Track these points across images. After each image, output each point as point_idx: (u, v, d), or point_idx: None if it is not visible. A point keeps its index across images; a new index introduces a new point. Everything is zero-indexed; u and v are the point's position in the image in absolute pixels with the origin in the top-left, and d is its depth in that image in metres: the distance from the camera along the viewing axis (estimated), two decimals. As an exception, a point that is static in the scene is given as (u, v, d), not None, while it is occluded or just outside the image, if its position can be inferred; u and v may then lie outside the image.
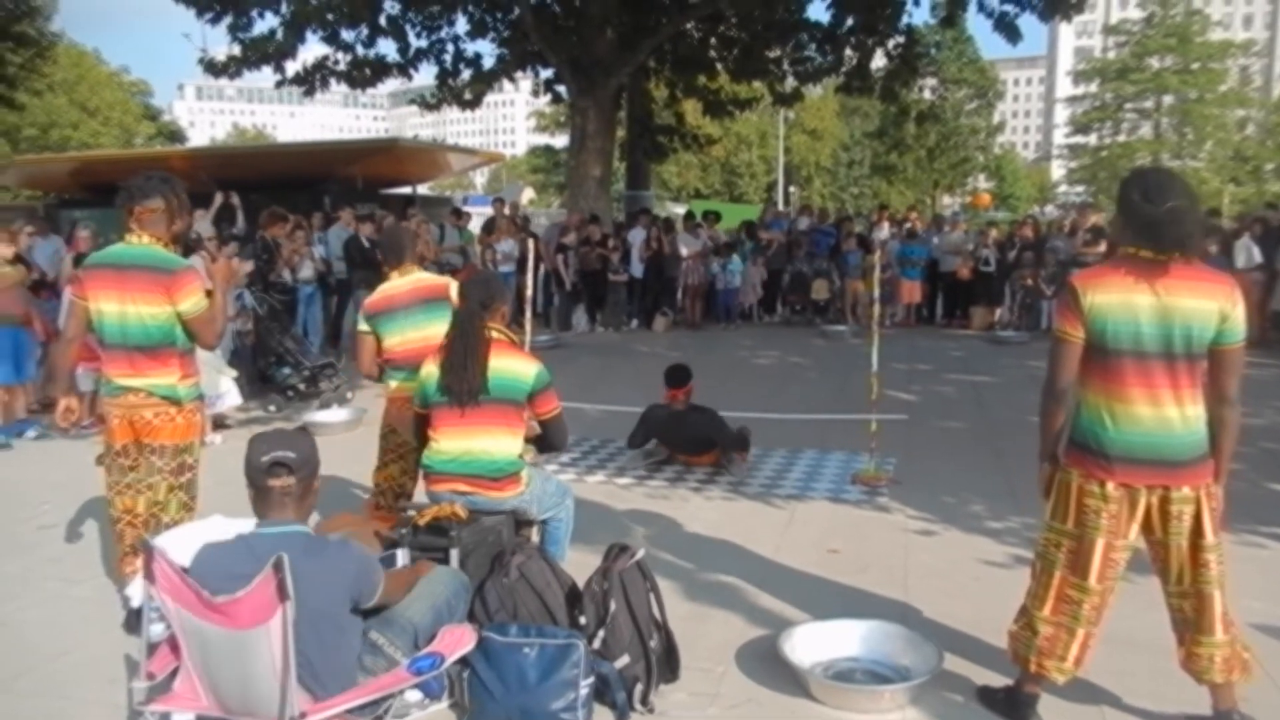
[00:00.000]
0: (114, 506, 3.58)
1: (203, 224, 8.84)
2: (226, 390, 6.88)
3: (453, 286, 4.13)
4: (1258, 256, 10.92)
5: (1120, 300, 2.57)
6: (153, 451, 3.51)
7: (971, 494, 5.27)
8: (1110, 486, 2.64)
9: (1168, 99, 48.81)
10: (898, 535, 4.67)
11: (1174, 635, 2.78)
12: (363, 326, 4.26)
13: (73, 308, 3.65)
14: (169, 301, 3.44)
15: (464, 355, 3.39)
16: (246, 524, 2.61)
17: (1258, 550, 4.39)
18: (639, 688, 2.95)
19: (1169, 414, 2.60)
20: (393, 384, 4.22)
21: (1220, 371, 2.64)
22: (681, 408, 5.97)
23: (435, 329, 4.06)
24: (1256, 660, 2.83)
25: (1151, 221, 2.55)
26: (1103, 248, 10.80)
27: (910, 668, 3.09)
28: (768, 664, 3.20)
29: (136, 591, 3.11)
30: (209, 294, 3.61)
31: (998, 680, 3.02)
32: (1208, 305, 2.55)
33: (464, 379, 3.38)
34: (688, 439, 5.94)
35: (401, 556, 3.27)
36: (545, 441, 3.70)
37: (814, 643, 3.22)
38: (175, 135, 51.55)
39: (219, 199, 9.83)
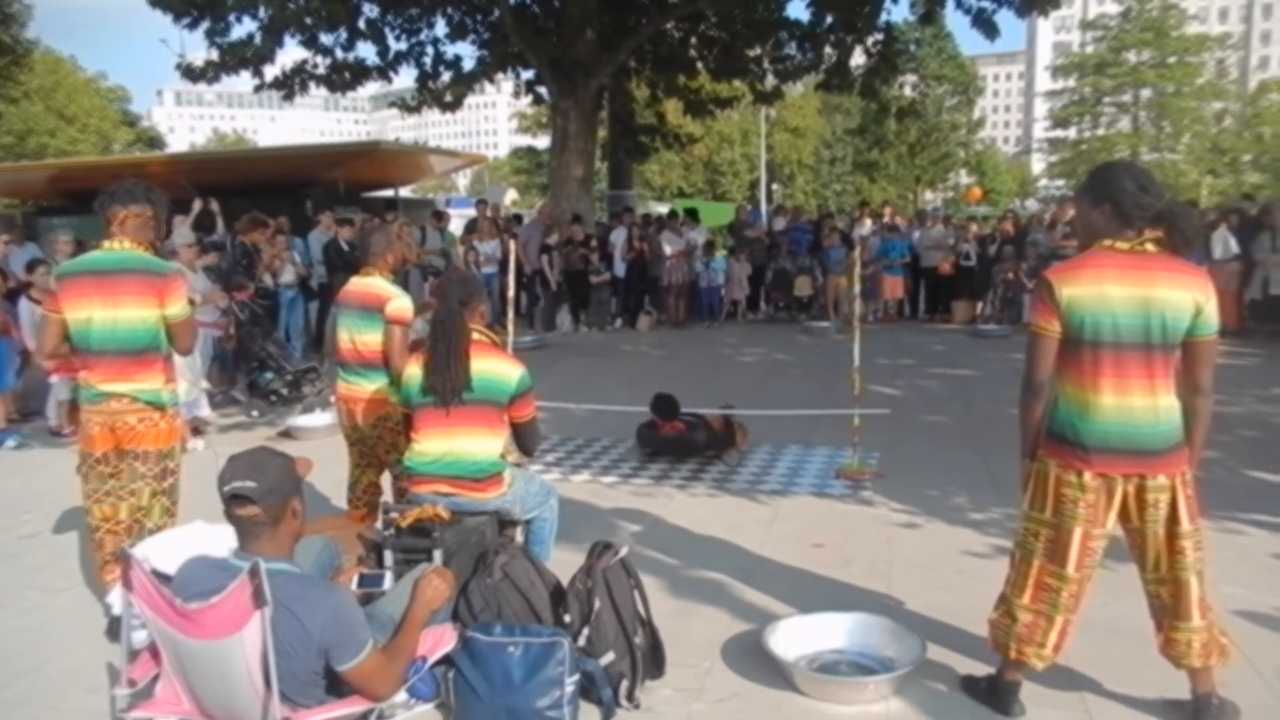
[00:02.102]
0: (92, 515, 3.56)
1: (182, 230, 8.78)
2: (196, 398, 6.86)
3: (394, 301, 4.13)
4: (1234, 247, 11.03)
5: (1095, 292, 2.59)
6: (135, 457, 3.50)
7: (954, 487, 5.30)
8: (1087, 476, 2.66)
9: (1145, 93, 49.17)
10: (881, 529, 4.69)
11: (1152, 621, 2.81)
12: (334, 311, 4.48)
13: (46, 323, 3.59)
14: (159, 305, 3.44)
15: (447, 355, 3.40)
16: (228, 531, 2.58)
17: (1236, 537, 4.44)
18: (625, 684, 2.96)
19: (1145, 404, 2.62)
20: (338, 379, 4.34)
21: (1195, 364, 2.66)
22: (673, 435, 6.03)
23: (364, 336, 4.17)
24: (1235, 645, 2.86)
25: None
26: (1082, 240, 10.88)
27: (894, 659, 3.11)
28: (753, 658, 3.22)
29: (117, 599, 3.09)
30: (190, 302, 3.62)
31: (981, 669, 3.05)
32: (1182, 296, 2.57)
33: (447, 378, 3.39)
34: (681, 451, 6.05)
35: (387, 558, 3.27)
36: (518, 442, 3.69)
37: (798, 636, 3.24)
38: (154, 141, 51.10)
39: (197, 205, 9.77)
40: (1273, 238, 10.90)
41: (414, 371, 3.51)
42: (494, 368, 3.47)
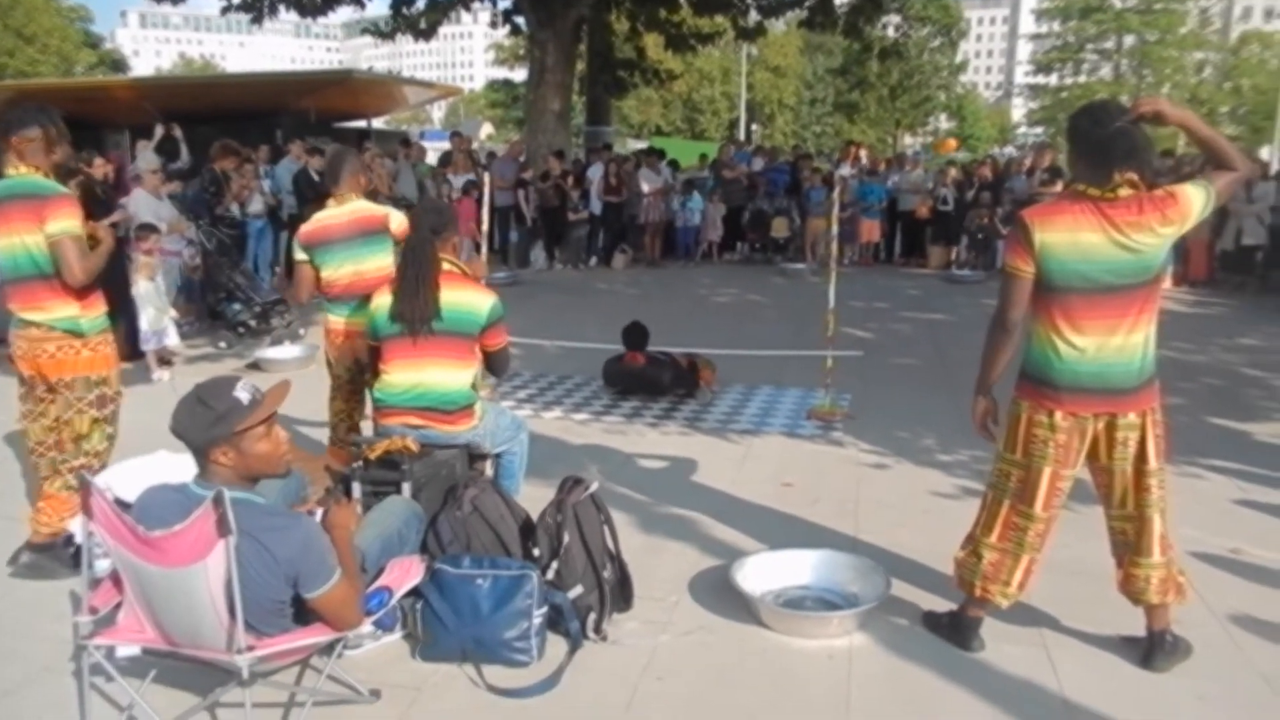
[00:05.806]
0: (29, 436, 3.56)
1: (145, 155, 8.55)
2: (164, 328, 6.74)
3: (392, 217, 4.05)
4: (1208, 198, 11.05)
5: (1069, 239, 2.58)
6: (66, 386, 3.43)
7: (924, 428, 5.35)
8: (1058, 416, 2.67)
9: (1129, 39, 48.89)
10: (851, 469, 4.73)
11: (1113, 558, 2.86)
12: (300, 256, 4.15)
13: None
14: (39, 226, 3.31)
15: (416, 282, 3.34)
16: (191, 462, 2.54)
17: (1195, 481, 4.53)
18: (592, 617, 2.98)
19: (1117, 343, 2.62)
20: (330, 317, 4.13)
21: None
22: (639, 366, 6.03)
23: (372, 263, 4.03)
24: (1191, 584, 2.92)
25: (1101, 143, 2.56)
26: (1059, 187, 10.88)
27: (859, 595, 3.16)
28: (720, 593, 3.25)
29: (78, 528, 3.05)
30: (92, 234, 3.49)
31: (944, 606, 3.09)
32: (1152, 239, 2.55)
33: (416, 305, 3.33)
34: (647, 387, 6.06)
35: (355, 490, 3.25)
36: (488, 366, 3.67)
37: (765, 572, 3.27)
38: (118, 64, 49.64)
39: (159, 131, 9.51)
40: (1246, 188, 10.93)
41: (382, 300, 3.45)
42: (464, 298, 3.42)
